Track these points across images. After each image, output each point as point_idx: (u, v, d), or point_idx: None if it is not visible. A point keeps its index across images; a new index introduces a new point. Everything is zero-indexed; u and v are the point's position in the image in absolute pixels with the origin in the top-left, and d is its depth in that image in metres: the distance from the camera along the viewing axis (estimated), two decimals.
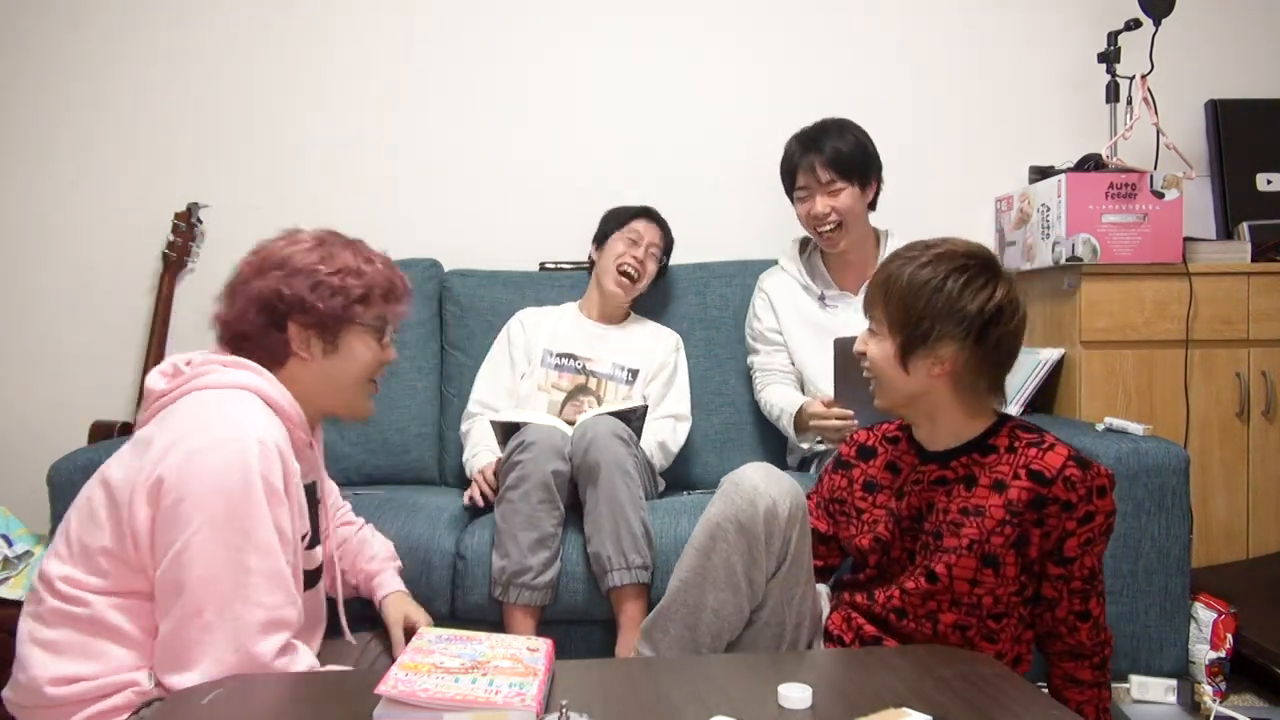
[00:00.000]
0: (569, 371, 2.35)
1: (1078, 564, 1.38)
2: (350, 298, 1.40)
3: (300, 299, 1.37)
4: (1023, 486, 1.36)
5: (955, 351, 1.36)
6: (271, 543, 1.24)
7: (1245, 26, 2.89)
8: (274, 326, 1.39)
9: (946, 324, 1.34)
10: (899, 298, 1.37)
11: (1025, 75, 2.86)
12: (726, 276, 2.60)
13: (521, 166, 2.82)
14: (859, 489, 1.55)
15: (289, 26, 2.79)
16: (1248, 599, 2.10)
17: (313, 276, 1.38)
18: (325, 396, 1.43)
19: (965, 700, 1.12)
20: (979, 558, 1.38)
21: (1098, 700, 1.45)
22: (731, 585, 1.42)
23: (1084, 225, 2.38)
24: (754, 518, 1.41)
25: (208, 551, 1.21)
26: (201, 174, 2.77)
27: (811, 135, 2.32)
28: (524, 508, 1.87)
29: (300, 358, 1.40)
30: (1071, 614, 1.41)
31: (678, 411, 2.36)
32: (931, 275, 1.36)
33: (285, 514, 1.28)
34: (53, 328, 2.77)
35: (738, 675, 1.25)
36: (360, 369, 1.44)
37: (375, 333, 1.44)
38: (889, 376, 1.42)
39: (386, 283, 1.44)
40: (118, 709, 1.23)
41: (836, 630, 1.52)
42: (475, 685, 1.04)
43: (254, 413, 1.30)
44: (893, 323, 1.39)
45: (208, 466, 1.23)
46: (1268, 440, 2.41)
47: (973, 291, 1.35)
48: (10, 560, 2.12)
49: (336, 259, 1.41)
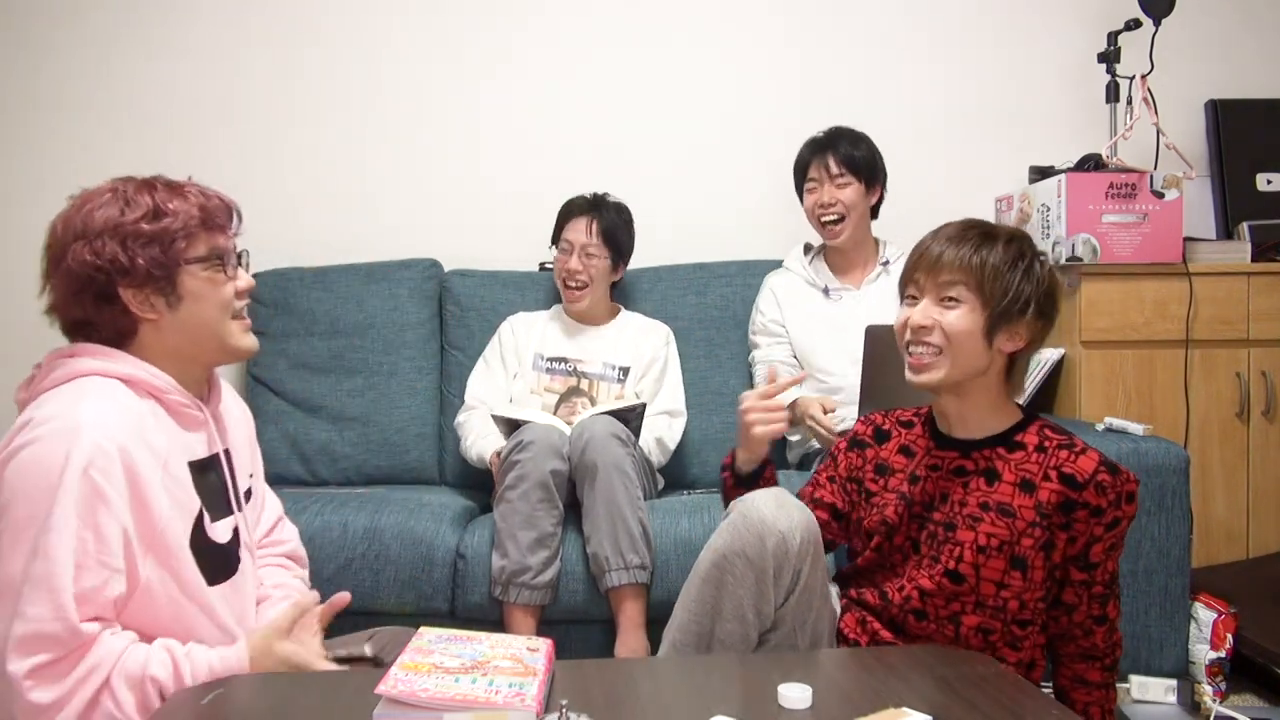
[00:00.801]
0: (560, 374, 2.35)
1: (1100, 569, 1.38)
2: (170, 242, 1.27)
3: (116, 261, 1.25)
4: (1053, 489, 1.35)
5: (1036, 328, 1.39)
6: (56, 547, 1.11)
7: (1245, 26, 2.89)
8: (104, 300, 1.27)
9: (1040, 299, 1.38)
10: (992, 271, 1.37)
11: (1025, 75, 2.86)
12: (727, 276, 2.60)
13: (522, 166, 2.82)
14: (870, 469, 1.54)
15: (289, 27, 2.79)
16: (1248, 599, 2.10)
17: (118, 233, 1.26)
18: (193, 348, 1.32)
19: (965, 700, 1.12)
20: (1008, 559, 1.37)
21: (1104, 701, 1.44)
22: (738, 617, 1.40)
23: (1084, 225, 2.38)
24: (762, 554, 1.37)
25: (6, 560, 1.13)
26: (201, 174, 2.75)
27: (828, 136, 2.44)
28: (523, 507, 1.87)
29: (149, 320, 1.29)
30: (1090, 618, 1.40)
31: (672, 407, 2.37)
32: (1018, 255, 1.39)
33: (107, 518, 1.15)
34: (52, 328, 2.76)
35: (738, 675, 1.25)
36: (212, 308, 1.31)
37: (213, 266, 1.31)
38: (966, 349, 1.38)
39: (201, 212, 1.31)
40: None
41: (852, 634, 1.48)
42: (475, 685, 1.04)
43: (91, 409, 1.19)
44: (985, 295, 1.37)
45: (25, 469, 1.15)
46: (1268, 440, 2.41)
47: (1048, 270, 1.41)
48: None
49: (137, 205, 1.28)
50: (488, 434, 2.20)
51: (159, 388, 1.28)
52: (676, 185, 2.81)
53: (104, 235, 1.26)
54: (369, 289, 2.56)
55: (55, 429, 1.16)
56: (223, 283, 1.33)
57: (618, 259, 2.42)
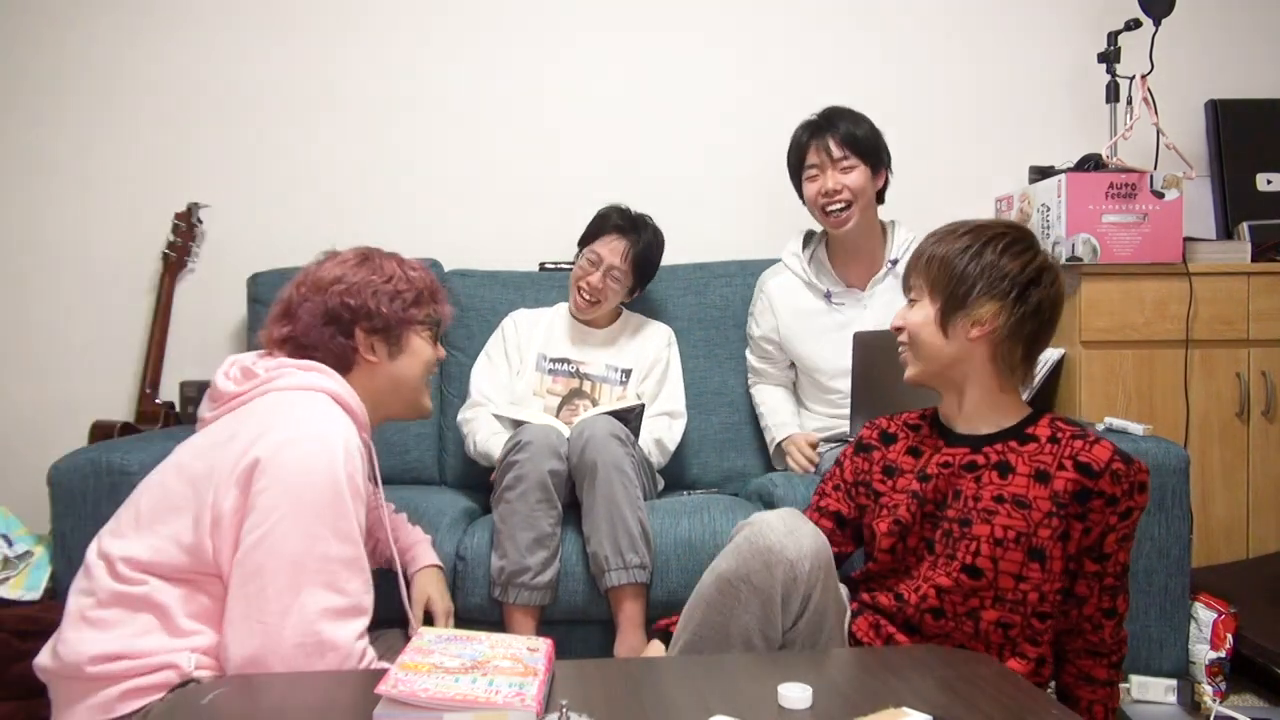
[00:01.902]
0: (563, 376, 2.35)
1: (1113, 560, 1.38)
2: (406, 301, 1.52)
3: (364, 306, 1.49)
4: (1069, 478, 1.36)
5: (995, 312, 1.38)
6: (353, 533, 1.30)
7: (1245, 26, 2.89)
8: (341, 334, 1.49)
9: (988, 283, 1.38)
10: (939, 262, 1.42)
11: (1025, 75, 2.86)
12: (727, 276, 2.60)
13: (522, 167, 2.82)
14: (878, 472, 1.54)
15: (290, 28, 2.79)
16: (1248, 599, 2.10)
17: (370, 285, 1.50)
18: (390, 395, 1.53)
19: (965, 700, 1.12)
20: (1025, 551, 1.36)
21: (1108, 699, 1.45)
22: (745, 643, 1.37)
23: (1084, 225, 2.38)
24: (769, 582, 1.34)
25: (292, 537, 1.26)
26: (201, 174, 2.77)
27: (825, 116, 2.29)
28: (521, 508, 1.87)
29: (368, 362, 1.50)
30: (1099, 611, 1.41)
31: (672, 409, 2.36)
32: (972, 241, 1.41)
33: (363, 511, 1.35)
34: (53, 328, 2.77)
35: (738, 675, 1.25)
36: (422, 366, 1.56)
37: (430, 331, 1.57)
38: (926, 342, 1.43)
39: (431, 284, 1.58)
40: (155, 686, 1.25)
41: (865, 638, 1.46)
42: (475, 685, 1.04)
43: (336, 414, 1.39)
44: (933, 286, 1.42)
45: (298, 457, 1.29)
46: (1268, 440, 2.41)
47: (1013, 254, 1.40)
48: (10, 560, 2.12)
49: (384, 269, 1.53)
50: (498, 431, 2.19)
51: (360, 421, 1.46)
52: (677, 185, 2.81)
53: (358, 286, 1.50)
54: None
55: (310, 430, 1.34)
56: (433, 347, 1.58)
57: (638, 286, 2.41)
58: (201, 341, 2.74)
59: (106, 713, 1.24)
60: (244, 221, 2.76)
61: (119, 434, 2.43)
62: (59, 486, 1.94)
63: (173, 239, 2.69)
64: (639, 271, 2.36)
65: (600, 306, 2.36)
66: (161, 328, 2.65)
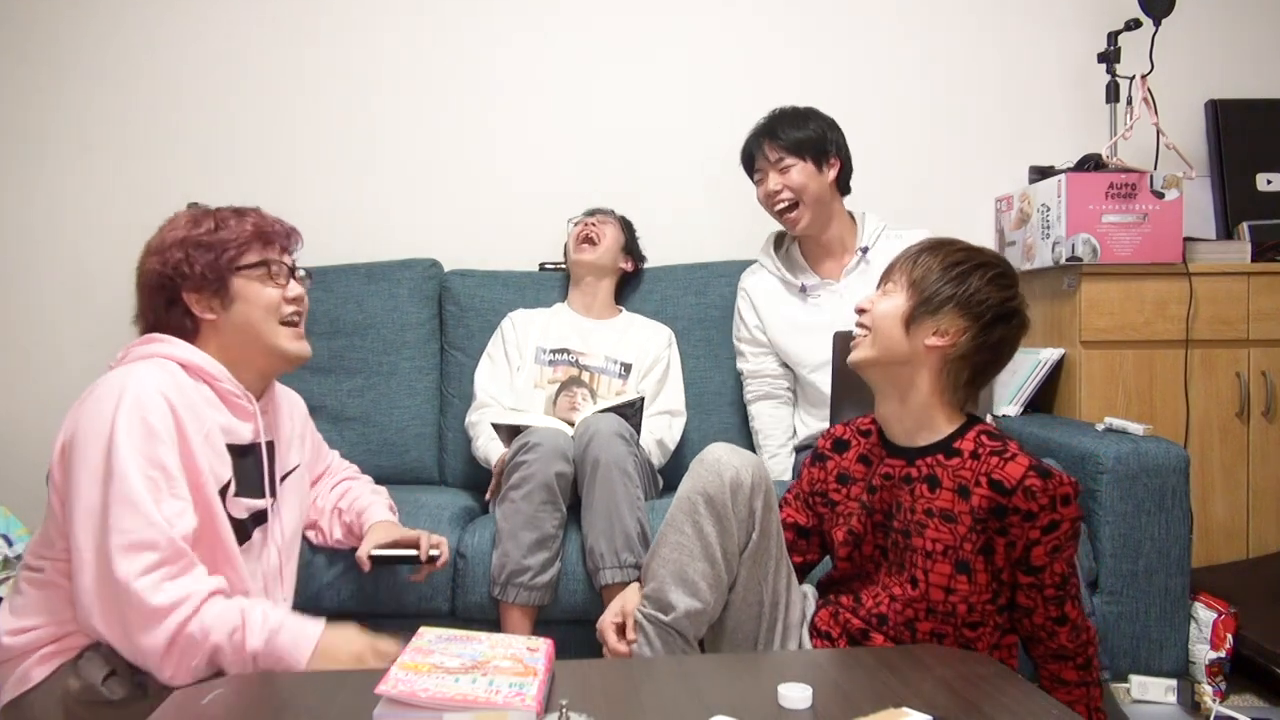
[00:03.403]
0: (563, 365, 2.36)
1: (1048, 571, 1.38)
2: (223, 250, 1.48)
3: (178, 268, 1.47)
4: (984, 494, 1.38)
5: (961, 329, 1.41)
6: (126, 471, 1.29)
7: (1245, 26, 2.89)
8: (171, 304, 1.49)
9: (964, 300, 1.41)
10: (930, 266, 1.44)
11: (1025, 75, 2.86)
12: (727, 276, 2.60)
13: (521, 167, 2.82)
14: (833, 480, 1.58)
15: (289, 27, 2.79)
16: (1248, 599, 2.10)
17: (183, 246, 1.48)
18: (245, 348, 1.51)
19: (965, 700, 1.12)
20: (953, 564, 1.40)
21: (1087, 699, 1.45)
22: (708, 556, 1.46)
23: (1084, 225, 2.38)
24: (721, 488, 1.47)
25: (82, 493, 1.31)
26: (201, 174, 2.77)
27: (768, 120, 2.34)
28: (526, 508, 1.87)
29: (208, 320, 1.49)
30: (1049, 620, 1.42)
31: (672, 408, 2.37)
32: (964, 260, 1.44)
33: (166, 452, 1.34)
34: (53, 328, 2.77)
35: (738, 675, 1.25)
36: (260, 310, 1.50)
37: (262, 275, 1.51)
38: (886, 332, 1.45)
39: (256, 229, 1.52)
40: (65, 650, 1.35)
41: (824, 626, 1.53)
42: (475, 685, 1.04)
43: (140, 371, 1.38)
44: (913, 284, 1.44)
45: (85, 420, 1.34)
46: (1268, 440, 2.41)
47: (998, 286, 1.42)
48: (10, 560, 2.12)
49: (202, 224, 1.51)
50: (495, 437, 2.20)
51: (211, 374, 1.46)
52: (676, 185, 2.81)
53: (172, 248, 1.48)
54: (369, 289, 2.56)
55: (108, 389, 1.36)
56: (271, 289, 1.51)
57: (629, 245, 2.51)
58: None
59: (24, 683, 1.35)
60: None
61: None
62: None
63: None
64: (625, 226, 2.54)
65: (597, 249, 2.44)
66: None
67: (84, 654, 1.33)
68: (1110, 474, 1.99)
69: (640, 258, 2.59)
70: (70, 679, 1.32)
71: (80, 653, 1.34)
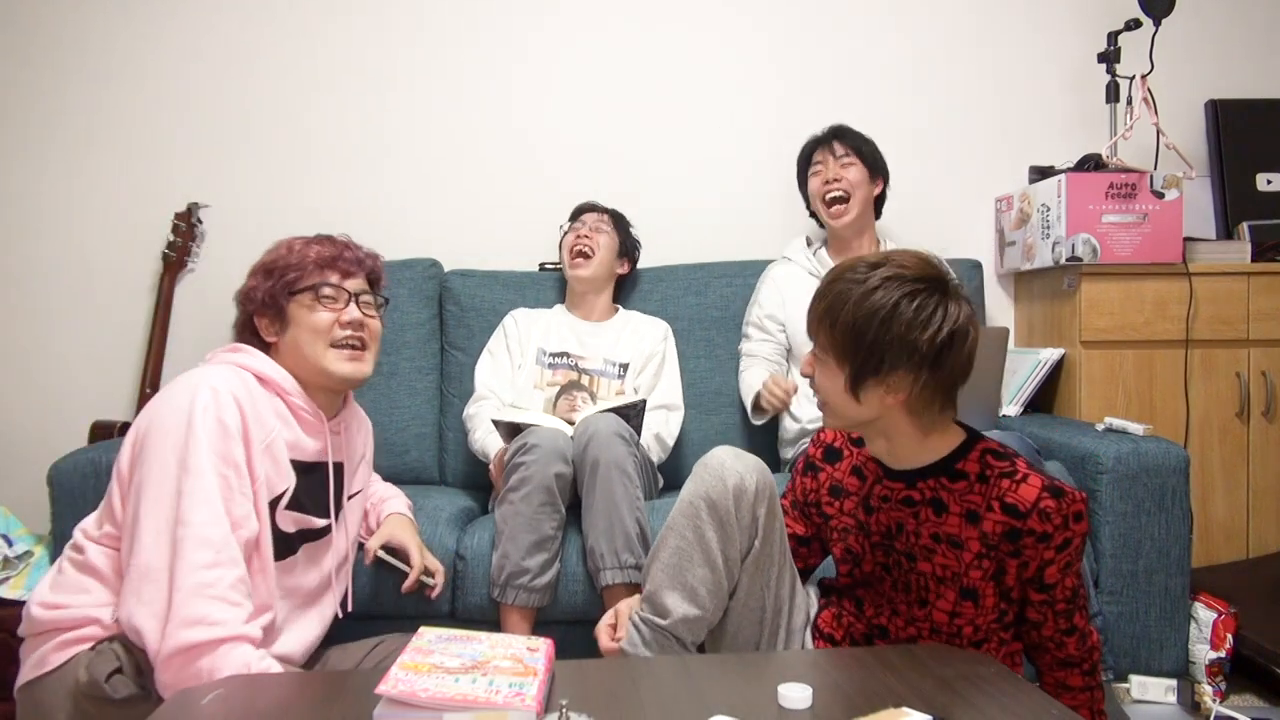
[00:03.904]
0: (563, 369, 2.36)
1: (1059, 587, 1.37)
2: (282, 277, 1.55)
3: (249, 292, 1.57)
4: (997, 520, 1.34)
5: (909, 381, 1.30)
6: (201, 465, 1.34)
7: (1245, 26, 2.89)
8: (248, 328, 1.58)
9: (899, 355, 1.28)
10: (846, 328, 1.30)
11: (1025, 75, 2.86)
12: (727, 277, 2.60)
13: (521, 167, 2.82)
14: (825, 493, 1.54)
15: (289, 27, 2.79)
16: (1248, 599, 2.10)
17: (257, 273, 1.58)
18: (300, 366, 1.55)
19: (965, 700, 1.12)
20: (958, 590, 1.38)
21: (1090, 702, 1.45)
22: (709, 562, 1.44)
23: (1084, 225, 2.38)
24: (724, 493, 1.44)
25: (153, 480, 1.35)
26: (201, 174, 2.78)
27: (832, 129, 2.47)
28: (525, 510, 1.87)
29: (273, 345, 1.57)
30: (1059, 632, 1.40)
31: (669, 402, 2.37)
32: (881, 302, 1.28)
33: (239, 450, 1.39)
34: (53, 328, 2.77)
35: (738, 675, 1.25)
36: (308, 333, 1.55)
37: (313, 298, 1.55)
38: (837, 404, 1.36)
39: (317, 256, 1.57)
40: (81, 639, 1.37)
41: (828, 629, 1.52)
42: (475, 685, 1.04)
43: (217, 371, 1.44)
44: (841, 353, 1.32)
45: (162, 411, 1.39)
46: (1268, 440, 2.41)
47: (924, 320, 1.27)
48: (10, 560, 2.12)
49: (277, 250, 1.59)
50: (494, 430, 2.20)
51: (284, 388, 1.52)
52: (676, 185, 2.81)
53: (253, 274, 1.58)
54: None
55: (185, 385, 1.41)
56: (320, 312, 1.56)
57: (625, 248, 2.49)
58: (201, 341, 2.74)
59: (41, 667, 1.37)
60: (244, 221, 2.76)
61: (119, 434, 2.43)
62: (59, 486, 1.94)
63: (173, 239, 2.69)
64: (619, 225, 2.50)
65: (592, 262, 2.41)
66: (161, 328, 2.65)
67: (98, 647, 1.34)
68: (1110, 474, 1.99)
69: (636, 254, 2.56)
70: (81, 671, 1.33)
71: (95, 645, 1.35)
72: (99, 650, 1.34)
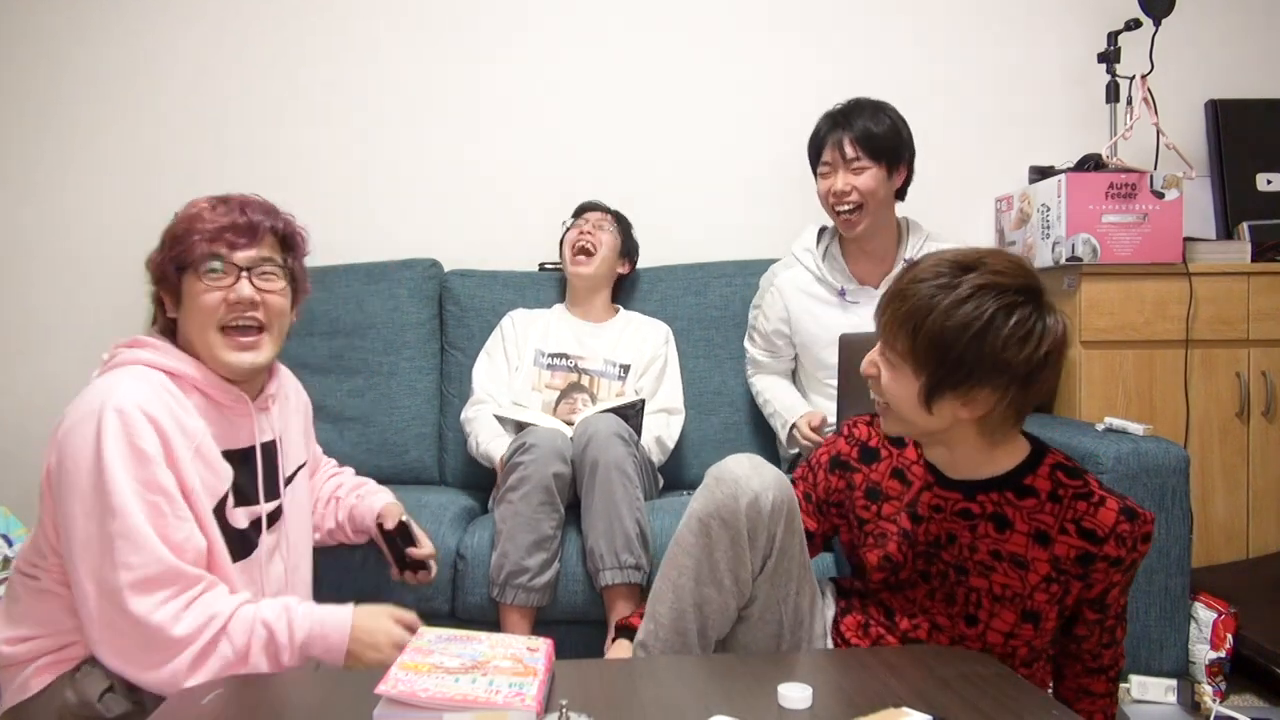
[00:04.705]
0: (561, 370, 2.35)
1: (1114, 607, 1.35)
2: (171, 249, 1.38)
3: (153, 261, 1.41)
4: (1072, 544, 1.28)
5: (993, 399, 1.21)
6: (125, 504, 1.23)
7: (1245, 26, 2.89)
8: (156, 299, 1.44)
9: (988, 373, 1.18)
10: (932, 337, 1.19)
11: (1025, 75, 2.86)
12: (726, 277, 2.60)
13: (521, 167, 2.82)
14: (860, 495, 1.44)
15: (289, 28, 2.79)
16: (1248, 599, 2.10)
17: (165, 237, 1.41)
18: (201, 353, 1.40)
19: (965, 700, 1.12)
20: (1019, 612, 1.32)
21: (1107, 708, 1.43)
22: (715, 582, 1.35)
23: (1084, 225, 2.38)
24: (736, 512, 1.32)
25: (78, 526, 1.25)
26: (201, 174, 2.77)
27: (843, 111, 2.24)
28: (524, 509, 1.87)
29: (176, 319, 1.42)
30: (1100, 645, 1.38)
31: (670, 405, 2.37)
32: (974, 314, 1.17)
33: (163, 474, 1.27)
34: (52, 328, 2.77)
35: (738, 675, 1.25)
36: (199, 313, 1.38)
37: (203, 272, 1.37)
38: (904, 411, 1.27)
39: (207, 224, 1.38)
40: (64, 660, 1.32)
41: (855, 637, 1.44)
42: (475, 685, 1.04)
43: (122, 383, 1.30)
44: (920, 362, 1.22)
45: (70, 445, 1.26)
46: (1268, 440, 2.41)
47: (1020, 338, 1.17)
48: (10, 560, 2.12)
49: (181, 213, 1.41)
50: (499, 434, 2.19)
51: (198, 380, 1.38)
52: (676, 185, 2.81)
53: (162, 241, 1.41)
54: (369, 289, 2.56)
55: (87, 410, 1.27)
56: (210, 291, 1.37)
57: (626, 249, 2.48)
58: None
59: (23, 692, 1.32)
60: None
61: None
62: None
63: None
64: (622, 226, 2.50)
65: (594, 261, 2.41)
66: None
67: (82, 667, 1.31)
68: (1110, 474, 1.99)
69: (635, 255, 2.56)
70: (68, 692, 1.29)
71: (79, 665, 1.31)
72: (84, 670, 1.30)
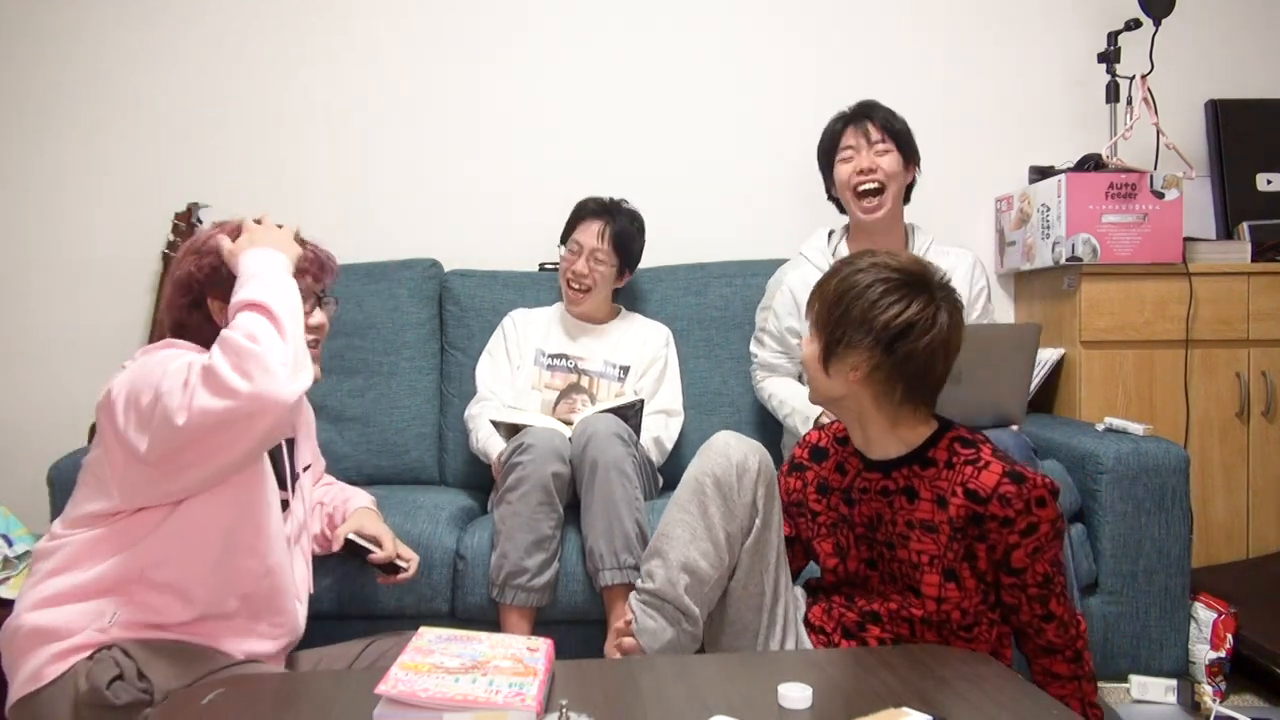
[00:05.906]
0: (561, 371, 2.35)
1: (1029, 572, 1.40)
2: None
3: (210, 273, 1.44)
4: (960, 504, 1.39)
5: (864, 360, 1.40)
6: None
7: (1245, 26, 2.89)
8: (194, 306, 1.46)
9: (856, 332, 1.39)
10: (825, 301, 1.43)
11: (1025, 75, 2.86)
12: (726, 277, 2.60)
13: (521, 167, 2.82)
14: (813, 491, 1.58)
15: (290, 28, 2.79)
16: (1248, 599, 2.10)
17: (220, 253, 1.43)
18: None
19: (965, 700, 1.13)
20: (941, 572, 1.41)
21: (1080, 694, 1.46)
22: (712, 537, 1.48)
23: (1084, 225, 2.38)
24: (727, 469, 1.49)
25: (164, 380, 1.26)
26: (201, 174, 2.77)
27: (863, 105, 2.29)
28: (523, 510, 1.87)
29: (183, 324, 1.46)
30: (1035, 617, 1.43)
31: (669, 407, 2.36)
32: (856, 284, 1.40)
33: None
34: (53, 327, 2.77)
35: (738, 675, 1.25)
36: None
37: None
38: (813, 376, 1.48)
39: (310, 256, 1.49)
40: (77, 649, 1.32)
41: (819, 621, 1.54)
42: (475, 685, 1.04)
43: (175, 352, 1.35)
44: (817, 325, 1.45)
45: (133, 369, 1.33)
46: (1268, 440, 2.41)
47: (885, 305, 1.38)
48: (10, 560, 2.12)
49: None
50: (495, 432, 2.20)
51: None
52: (676, 185, 2.81)
53: (210, 253, 1.44)
54: (369, 289, 2.56)
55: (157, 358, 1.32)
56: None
57: (624, 266, 2.40)
58: None
59: (36, 681, 1.32)
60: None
61: None
62: (59, 486, 1.94)
63: (173, 239, 2.68)
64: (621, 251, 2.37)
65: (591, 296, 2.37)
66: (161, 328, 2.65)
67: (95, 655, 1.32)
68: (1110, 474, 1.99)
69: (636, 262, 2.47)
70: (80, 680, 1.30)
71: (93, 653, 1.32)
72: (97, 658, 1.31)
